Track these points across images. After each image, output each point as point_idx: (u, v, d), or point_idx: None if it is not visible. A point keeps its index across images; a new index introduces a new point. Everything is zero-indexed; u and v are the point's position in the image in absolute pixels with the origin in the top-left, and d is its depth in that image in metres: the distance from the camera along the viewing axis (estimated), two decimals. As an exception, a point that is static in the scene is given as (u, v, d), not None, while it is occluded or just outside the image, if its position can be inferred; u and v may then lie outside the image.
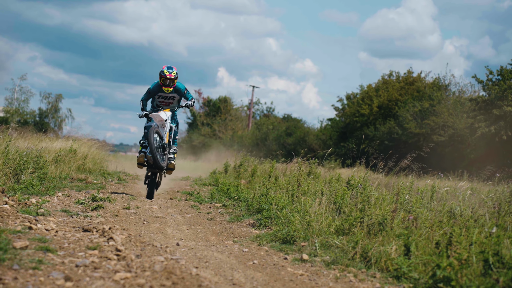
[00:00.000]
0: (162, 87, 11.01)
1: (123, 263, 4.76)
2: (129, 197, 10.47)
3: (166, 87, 10.97)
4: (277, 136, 46.94)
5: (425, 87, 38.98)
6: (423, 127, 35.29)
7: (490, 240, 4.98)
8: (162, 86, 10.99)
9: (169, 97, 11.21)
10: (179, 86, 11.15)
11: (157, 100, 11.25)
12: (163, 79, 10.95)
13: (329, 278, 5.19)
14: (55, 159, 13.13)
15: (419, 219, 6.49)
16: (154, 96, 11.23)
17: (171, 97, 11.22)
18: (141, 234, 6.60)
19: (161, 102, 11.24)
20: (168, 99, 11.24)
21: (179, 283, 4.07)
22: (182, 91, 11.20)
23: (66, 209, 7.88)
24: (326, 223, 7.00)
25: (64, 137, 20.24)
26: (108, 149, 27.81)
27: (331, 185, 10.11)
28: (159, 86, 11.06)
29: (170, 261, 5.10)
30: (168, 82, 10.95)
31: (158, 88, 11.09)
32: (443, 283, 4.67)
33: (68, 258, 4.75)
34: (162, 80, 10.97)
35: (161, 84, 10.99)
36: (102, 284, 3.97)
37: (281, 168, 15.94)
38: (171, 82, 10.96)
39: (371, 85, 43.18)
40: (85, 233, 6.17)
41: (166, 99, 11.24)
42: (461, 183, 11.89)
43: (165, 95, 11.19)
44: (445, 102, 36.38)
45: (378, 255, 5.60)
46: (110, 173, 16.40)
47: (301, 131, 46.86)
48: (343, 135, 43.33)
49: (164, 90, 11.02)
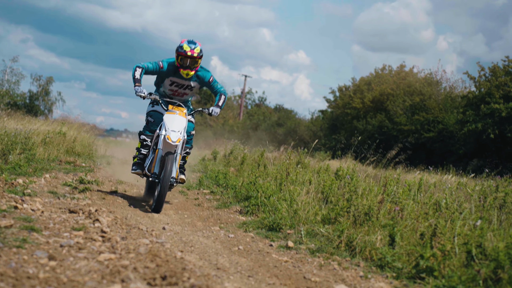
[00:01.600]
0: (180, 70, 7.95)
1: (108, 244, 4.76)
2: (117, 181, 10.45)
3: (186, 70, 7.92)
4: (268, 126, 47.01)
5: (417, 82, 39.09)
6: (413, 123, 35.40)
7: (474, 232, 5.02)
8: (180, 68, 7.94)
9: (185, 86, 8.20)
10: (203, 71, 8.17)
11: (167, 87, 8.25)
12: (182, 58, 7.89)
13: (313, 266, 5.21)
14: (43, 141, 13.09)
15: (405, 211, 6.52)
16: (164, 79, 8.18)
17: (188, 86, 8.21)
18: (127, 217, 6.60)
19: (172, 92, 8.28)
20: (184, 88, 8.22)
21: (163, 266, 4.08)
22: (206, 79, 8.18)
23: (53, 191, 7.86)
24: (313, 212, 7.02)
25: (54, 120, 20.17)
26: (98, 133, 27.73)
27: (320, 175, 10.14)
28: (175, 67, 8.00)
29: (155, 244, 5.11)
30: (188, 63, 7.89)
31: (173, 70, 8.04)
32: (426, 273, 4.70)
33: (53, 238, 4.75)
34: (180, 59, 7.90)
35: (178, 65, 7.93)
36: (86, 264, 3.97)
37: (270, 157, 15.95)
38: (193, 63, 7.91)
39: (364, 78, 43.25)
40: (71, 214, 6.16)
41: (181, 88, 8.23)
42: (449, 177, 11.96)
43: (181, 82, 8.14)
44: (435, 97, 36.51)
45: (363, 244, 5.63)
46: (99, 157, 16.37)
47: (292, 122, 46.94)
48: (334, 127, 43.42)
49: (182, 73, 7.96)
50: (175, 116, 7.85)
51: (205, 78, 8.18)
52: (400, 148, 10.47)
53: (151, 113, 8.29)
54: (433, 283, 4.47)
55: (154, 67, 8.05)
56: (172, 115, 7.86)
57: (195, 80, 8.17)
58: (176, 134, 7.69)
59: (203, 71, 8.18)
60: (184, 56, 7.87)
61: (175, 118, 7.83)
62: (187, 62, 7.90)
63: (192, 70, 7.97)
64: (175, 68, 8.04)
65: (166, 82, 8.21)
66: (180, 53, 7.89)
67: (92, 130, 21.72)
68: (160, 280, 3.72)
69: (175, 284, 3.66)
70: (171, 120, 7.80)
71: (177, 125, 7.78)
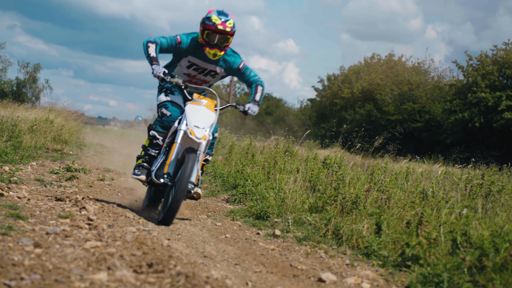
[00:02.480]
0: (204, 48, 6.20)
1: (94, 232, 4.75)
2: (104, 169, 10.42)
3: (213, 49, 6.18)
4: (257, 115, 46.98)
5: (405, 71, 39.22)
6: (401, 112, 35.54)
7: (459, 221, 5.05)
8: (205, 47, 6.19)
9: (207, 71, 6.46)
10: (232, 54, 6.47)
11: (183, 70, 6.50)
12: (209, 33, 6.15)
13: (300, 254, 5.23)
14: (30, 129, 13.01)
15: (392, 199, 6.55)
16: (180, 59, 6.45)
17: (211, 72, 6.48)
18: (114, 205, 6.58)
19: (189, 78, 6.52)
20: (205, 73, 6.48)
21: (150, 254, 4.07)
22: (235, 64, 6.49)
23: (39, 178, 7.83)
24: (300, 201, 7.04)
25: (41, 108, 20.06)
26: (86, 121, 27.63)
27: (307, 163, 10.16)
28: (198, 44, 6.27)
29: (142, 232, 5.10)
30: (217, 40, 6.15)
31: (195, 48, 6.28)
32: (412, 261, 4.73)
33: (39, 226, 4.73)
34: (206, 34, 6.16)
35: (203, 42, 6.19)
36: (72, 251, 3.96)
37: (258, 146, 15.97)
38: (223, 40, 6.18)
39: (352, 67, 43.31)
40: (57, 202, 6.13)
41: (201, 73, 6.48)
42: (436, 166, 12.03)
43: (202, 65, 6.40)
44: (424, 86, 36.65)
45: (350, 233, 5.65)
46: (87, 145, 16.32)
47: (281, 111, 46.97)
48: (322, 116, 43.49)
49: (208, 54, 6.23)
50: (200, 108, 6.14)
51: (234, 64, 6.46)
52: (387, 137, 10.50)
53: (166, 104, 6.40)
54: (419, 271, 4.50)
55: (170, 43, 6.28)
56: (197, 106, 6.16)
57: (221, 65, 6.44)
58: (201, 131, 6.00)
59: (232, 54, 6.46)
60: (212, 31, 6.10)
61: (200, 111, 6.13)
62: (216, 38, 6.14)
63: (221, 50, 6.22)
64: (197, 45, 6.28)
65: (182, 62, 6.44)
66: (207, 27, 6.10)
67: (80, 118, 21.64)
68: (147, 268, 3.72)
69: (162, 272, 3.66)
70: (196, 112, 6.10)
71: (203, 120, 6.08)
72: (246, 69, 6.47)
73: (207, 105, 6.21)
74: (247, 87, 6.60)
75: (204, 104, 6.19)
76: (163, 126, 6.34)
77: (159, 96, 6.47)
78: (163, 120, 6.35)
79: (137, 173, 6.39)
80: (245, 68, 6.46)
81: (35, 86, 52.68)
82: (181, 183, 5.61)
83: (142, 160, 6.44)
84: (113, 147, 17.83)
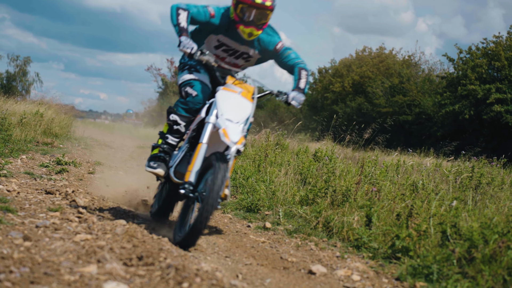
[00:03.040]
0: (238, 26, 5.14)
1: (84, 225, 4.74)
2: (94, 162, 10.39)
3: (249, 27, 5.11)
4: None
5: (395, 63, 39.30)
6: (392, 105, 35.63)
7: (449, 213, 5.07)
8: (239, 24, 5.13)
9: (239, 53, 5.40)
10: (269, 33, 5.36)
11: (211, 50, 5.40)
12: (244, 7, 5.11)
13: (291, 246, 5.23)
14: (20, 122, 12.95)
15: (382, 192, 6.57)
16: (207, 36, 5.36)
17: (244, 55, 5.41)
18: (104, 198, 6.56)
19: (219, 60, 5.39)
20: (237, 56, 5.42)
21: (140, 246, 4.07)
22: (271, 45, 5.37)
23: (29, 172, 7.79)
24: (291, 193, 7.05)
25: (31, 101, 19.97)
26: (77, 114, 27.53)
27: (298, 156, 10.17)
28: (230, 21, 5.21)
29: (132, 225, 5.09)
30: (253, 16, 5.08)
31: (226, 25, 5.24)
32: (402, 253, 4.75)
33: (29, 219, 4.71)
34: (240, 9, 5.12)
35: (236, 18, 5.13)
36: (61, 244, 3.94)
37: (249, 139, 15.96)
38: (261, 17, 5.11)
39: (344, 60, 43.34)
40: (47, 195, 6.11)
41: (232, 55, 5.42)
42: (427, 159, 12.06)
43: (234, 46, 5.35)
44: (414, 79, 36.75)
45: (340, 225, 5.66)
46: (77, 138, 16.26)
47: (272, 104, 46.91)
48: (314, 109, 43.52)
49: (242, 32, 5.17)
50: (236, 97, 4.93)
51: (270, 44, 5.35)
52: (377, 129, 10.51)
53: (191, 82, 5.25)
54: (408, 262, 4.52)
55: (202, 13, 5.19)
56: (232, 94, 4.94)
57: (255, 46, 5.35)
58: (237, 128, 4.70)
59: (269, 33, 5.36)
60: (248, 5, 5.07)
61: (235, 100, 4.90)
62: (252, 14, 5.10)
63: (258, 29, 5.15)
64: (230, 23, 5.22)
65: (211, 41, 5.37)
66: (242, 0, 5.08)
67: (71, 111, 21.55)
68: (137, 260, 3.71)
69: (152, 264, 3.66)
70: (229, 102, 4.87)
71: (238, 111, 4.83)
72: (285, 50, 5.35)
73: (243, 93, 4.97)
74: (288, 73, 5.39)
75: (240, 91, 4.97)
76: (187, 109, 5.20)
77: (182, 74, 5.35)
78: (187, 101, 5.20)
79: (153, 166, 5.23)
80: (284, 49, 5.36)
81: (25, 79, 52.43)
82: (210, 199, 4.35)
83: (159, 149, 5.29)
84: (103, 141, 17.77)
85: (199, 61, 5.15)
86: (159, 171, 5.20)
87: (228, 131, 4.61)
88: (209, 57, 5.03)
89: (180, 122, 5.21)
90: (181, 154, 5.18)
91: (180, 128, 5.22)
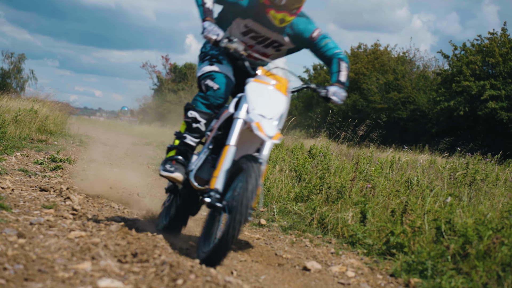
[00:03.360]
0: (268, 11, 4.54)
1: (78, 222, 4.73)
2: (89, 159, 10.37)
3: (281, 12, 4.52)
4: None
5: (390, 60, 39.32)
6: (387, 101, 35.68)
7: (444, 209, 5.08)
8: (269, 9, 4.53)
9: (269, 41, 4.82)
10: (303, 20, 4.76)
11: (239, 37, 4.82)
12: None
13: (285, 243, 5.24)
14: (14, 119, 12.92)
15: (377, 188, 6.58)
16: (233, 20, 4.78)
17: (274, 43, 4.83)
18: (99, 195, 6.55)
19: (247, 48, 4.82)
20: (267, 44, 4.84)
21: (134, 243, 4.06)
22: (306, 33, 4.75)
23: (24, 169, 7.77)
24: (286, 190, 7.05)
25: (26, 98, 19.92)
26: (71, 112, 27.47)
27: (293, 153, 10.17)
28: (259, 5, 4.60)
29: (127, 222, 5.09)
30: (286, 0, 4.46)
31: (256, 9, 4.65)
32: (396, 249, 4.76)
33: (23, 216, 4.70)
34: None
35: (267, 2, 4.52)
36: (56, 241, 3.94)
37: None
38: (294, 1, 4.49)
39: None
40: (42, 193, 6.10)
41: (261, 43, 4.83)
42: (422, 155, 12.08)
43: (264, 33, 4.77)
44: (409, 76, 36.79)
45: (335, 221, 5.67)
46: (72, 135, 16.23)
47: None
48: (309, 105, 43.51)
49: (273, 18, 4.57)
50: (269, 90, 4.34)
51: (305, 31, 4.72)
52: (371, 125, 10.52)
53: (212, 74, 4.69)
54: (403, 259, 4.52)
55: None
56: (264, 86, 4.34)
57: (288, 33, 4.73)
58: (271, 124, 4.13)
59: (303, 19, 4.75)
60: None
61: (268, 94, 4.31)
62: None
63: (291, 14, 4.55)
64: (259, 7, 4.61)
65: (238, 26, 4.77)
66: None
67: (66, 108, 21.51)
68: (131, 257, 3.71)
69: (146, 261, 3.65)
70: (262, 95, 4.28)
71: (271, 106, 4.25)
72: (323, 39, 4.72)
73: (277, 85, 4.38)
74: (325, 64, 4.82)
75: (273, 84, 4.37)
76: (208, 105, 4.63)
77: (202, 65, 4.79)
78: (208, 95, 4.64)
79: (170, 169, 4.58)
80: (321, 37, 4.72)
81: (20, 76, 52.31)
82: (239, 210, 3.75)
83: (176, 151, 4.70)
84: (98, 138, 17.74)
85: (226, 50, 4.56)
86: (177, 176, 4.55)
87: (262, 125, 4.05)
88: (238, 45, 4.52)
89: (200, 120, 4.63)
90: (203, 157, 4.56)
91: (200, 126, 4.65)
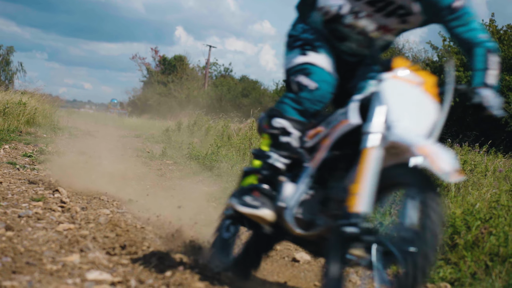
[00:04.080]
0: None
1: (67, 214, 4.72)
2: (79, 152, 10.33)
3: None
4: (233, 97, 46.88)
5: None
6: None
7: (432, 200, 5.10)
8: None
9: (394, 8, 3.14)
10: None
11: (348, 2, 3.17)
12: None
13: (275, 234, 5.24)
14: (3, 112, 12.85)
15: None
16: None
17: (399, 10, 3.15)
18: (88, 188, 6.53)
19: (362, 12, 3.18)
20: (389, 12, 3.17)
21: (123, 235, 4.05)
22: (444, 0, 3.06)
23: (12, 161, 7.74)
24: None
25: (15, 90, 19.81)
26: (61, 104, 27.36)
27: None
28: None
29: (115, 214, 5.08)
30: None
31: None
32: (385, 240, 4.77)
33: (11, 209, 4.68)
34: None
35: None
36: (44, 234, 3.92)
37: (235, 128, 15.95)
38: None
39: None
40: (30, 185, 6.07)
41: (381, 11, 3.17)
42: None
43: None
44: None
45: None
46: (61, 128, 16.17)
47: (257, 93, 46.92)
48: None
49: None
50: (417, 93, 2.89)
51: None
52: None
53: (306, 67, 3.29)
54: (392, 249, 4.54)
55: None
56: (410, 86, 2.88)
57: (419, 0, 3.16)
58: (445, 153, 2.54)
59: None
60: None
61: (417, 98, 2.88)
62: None
63: None
64: None
65: None
66: None
67: (55, 101, 21.42)
68: (120, 249, 3.70)
69: (135, 253, 3.65)
70: (408, 101, 2.84)
71: (422, 116, 2.85)
72: (466, 14, 3.17)
73: (425, 85, 2.93)
74: (462, 50, 3.27)
75: (420, 82, 2.92)
76: (301, 111, 3.26)
77: (292, 55, 3.40)
78: (301, 97, 3.25)
79: (253, 204, 3.20)
80: (464, 10, 3.16)
81: (8, 69, 51.89)
82: (425, 251, 2.45)
83: (257, 177, 3.30)
84: (87, 130, 17.67)
85: (351, 29, 3.28)
86: (265, 214, 3.16)
87: (431, 152, 2.53)
88: (367, 22, 3.24)
89: (290, 131, 3.25)
90: (303, 188, 3.12)
91: (291, 140, 3.25)
